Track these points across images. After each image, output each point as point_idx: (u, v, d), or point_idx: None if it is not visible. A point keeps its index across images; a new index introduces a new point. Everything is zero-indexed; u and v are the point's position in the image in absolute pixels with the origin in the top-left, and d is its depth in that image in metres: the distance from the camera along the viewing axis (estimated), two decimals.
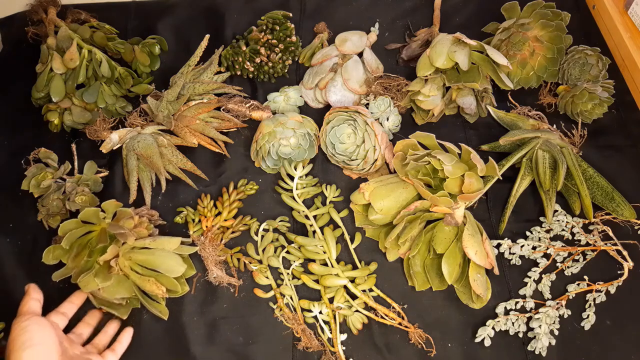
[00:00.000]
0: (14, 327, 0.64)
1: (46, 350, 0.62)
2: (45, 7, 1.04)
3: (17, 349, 0.61)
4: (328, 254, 0.80)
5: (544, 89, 1.00)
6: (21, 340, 0.62)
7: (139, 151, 0.87)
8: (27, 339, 0.62)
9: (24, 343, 0.61)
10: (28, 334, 0.63)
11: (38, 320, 0.66)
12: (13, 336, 0.63)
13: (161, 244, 0.77)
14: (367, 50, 1.02)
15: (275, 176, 0.92)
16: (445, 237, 0.78)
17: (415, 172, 0.80)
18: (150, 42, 1.04)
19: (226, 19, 1.12)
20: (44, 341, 0.63)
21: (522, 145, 0.89)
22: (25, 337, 0.62)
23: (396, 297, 0.79)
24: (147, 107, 0.94)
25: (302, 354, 0.76)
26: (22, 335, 0.62)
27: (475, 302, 0.76)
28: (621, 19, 1.03)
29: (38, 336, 0.63)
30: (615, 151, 0.93)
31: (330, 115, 0.90)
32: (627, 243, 0.82)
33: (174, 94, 0.93)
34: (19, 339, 0.62)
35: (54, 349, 0.63)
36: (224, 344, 0.77)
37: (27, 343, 0.61)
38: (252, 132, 0.94)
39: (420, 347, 0.75)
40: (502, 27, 0.96)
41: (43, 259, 0.75)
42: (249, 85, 1.03)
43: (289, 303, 0.79)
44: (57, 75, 0.93)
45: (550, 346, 0.74)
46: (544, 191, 0.85)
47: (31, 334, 0.63)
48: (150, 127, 0.93)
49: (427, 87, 0.91)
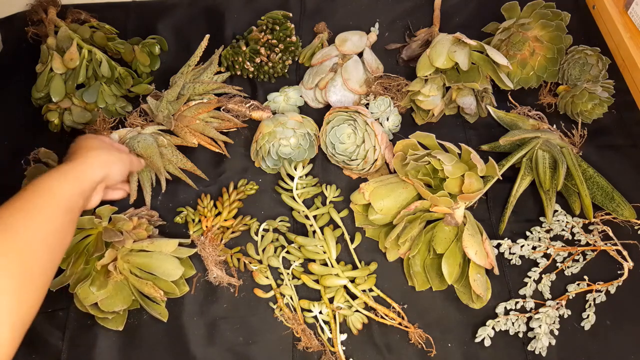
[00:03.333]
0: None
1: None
2: (45, 7, 1.04)
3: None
4: (328, 254, 0.80)
5: (544, 89, 1.00)
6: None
7: (139, 151, 0.87)
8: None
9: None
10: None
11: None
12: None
13: (159, 247, 0.77)
14: (367, 50, 1.02)
15: (275, 176, 0.92)
16: (445, 237, 0.78)
17: (415, 172, 0.80)
18: (150, 42, 1.04)
19: (226, 19, 1.12)
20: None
21: (522, 145, 0.89)
22: None
23: (396, 297, 0.79)
24: (147, 107, 0.94)
25: (302, 354, 0.76)
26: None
27: (475, 302, 0.76)
28: (621, 19, 1.03)
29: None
30: (615, 151, 0.93)
31: (330, 115, 0.90)
32: (627, 243, 0.82)
33: (174, 94, 0.93)
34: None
35: None
36: (224, 344, 0.77)
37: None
38: (252, 132, 0.94)
39: (420, 347, 0.75)
40: (502, 27, 0.96)
41: None
42: (249, 85, 1.03)
43: (289, 303, 0.79)
44: (57, 75, 0.93)
45: (550, 346, 0.74)
46: (544, 191, 0.85)
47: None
48: (150, 127, 0.92)
49: (427, 87, 0.91)
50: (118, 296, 0.74)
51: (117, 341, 0.77)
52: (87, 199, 0.65)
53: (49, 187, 0.59)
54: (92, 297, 0.73)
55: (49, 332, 0.77)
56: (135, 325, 0.78)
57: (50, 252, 0.56)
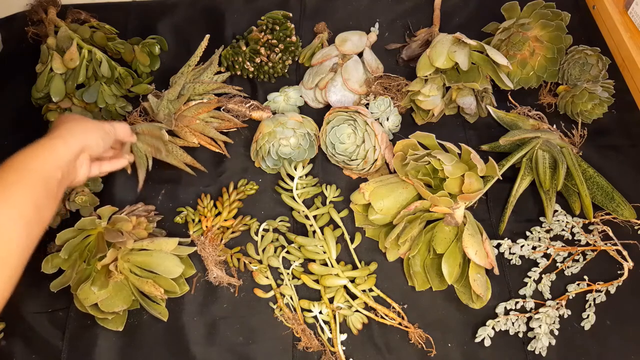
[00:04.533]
0: None
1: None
2: (45, 7, 1.04)
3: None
4: (328, 254, 0.80)
5: (544, 89, 1.00)
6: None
7: (141, 129, 0.86)
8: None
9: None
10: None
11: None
12: None
13: (159, 245, 0.77)
14: (367, 50, 1.02)
15: (275, 176, 0.92)
16: (445, 237, 0.78)
17: (415, 172, 0.80)
18: (150, 42, 1.04)
19: (226, 19, 1.12)
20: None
21: (522, 145, 0.89)
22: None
23: (396, 297, 0.79)
24: (147, 105, 0.94)
25: (302, 354, 0.76)
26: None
27: (475, 302, 0.76)
28: (621, 19, 1.03)
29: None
30: (615, 151, 0.93)
31: (330, 115, 0.90)
32: (627, 243, 0.82)
33: (175, 92, 0.93)
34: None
35: None
36: (224, 344, 0.77)
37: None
38: (252, 132, 0.94)
39: (420, 347, 0.75)
40: (502, 27, 0.96)
41: (42, 269, 0.75)
42: (249, 85, 1.03)
43: (289, 303, 0.79)
44: (57, 75, 0.93)
45: (550, 346, 0.74)
46: (544, 191, 0.85)
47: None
48: None
49: (427, 87, 0.91)
50: (118, 296, 0.74)
51: (117, 341, 0.77)
52: (68, 172, 0.63)
53: (23, 162, 0.59)
54: (93, 297, 0.73)
55: (49, 332, 0.77)
56: (135, 325, 0.78)
57: (27, 227, 0.55)
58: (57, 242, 0.74)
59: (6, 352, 0.75)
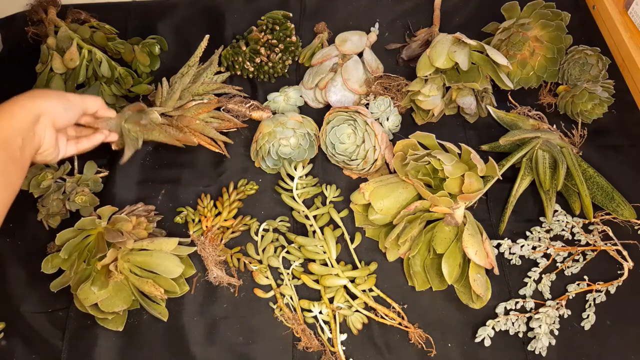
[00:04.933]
0: None
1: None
2: (45, 7, 1.04)
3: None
4: (328, 254, 0.80)
5: (544, 89, 1.00)
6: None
7: (127, 109, 0.82)
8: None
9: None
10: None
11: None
12: None
13: (159, 245, 0.77)
14: (367, 50, 1.02)
15: (275, 176, 0.92)
16: (445, 237, 0.78)
17: (415, 172, 0.80)
18: (150, 42, 1.04)
19: (226, 19, 1.12)
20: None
21: (522, 145, 0.89)
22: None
23: (396, 297, 0.79)
24: (160, 89, 0.92)
25: (302, 354, 0.76)
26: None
27: (475, 302, 0.76)
28: (621, 19, 1.03)
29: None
30: (615, 151, 0.93)
31: (330, 115, 0.90)
32: (627, 243, 0.82)
33: (186, 81, 0.92)
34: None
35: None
36: (224, 344, 0.77)
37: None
38: (252, 132, 0.94)
39: (420, 347, 0.75)
40: (502, 27, 0.96)
41: (42, 269, 0.75)
42: (249, 85, 1.03)
43: (289, 303, 0.79)
44: (57, 75, 0.93)
45: (550, 346, 0.74)
46: (544, 191, 0.85)
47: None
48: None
49: (427, 87, 0.91)
50: (118, 296, 0.74)
51: (117, 341, 0.77)
52: (28, 137, 0.61)
53: None
54: (93, 297, 0.73)
55: (49, 332, 0.77)
56: (135, 326, 0.78)
57: None
58: (57, 242, 0.74)
59: (6, 352, 0.76)
